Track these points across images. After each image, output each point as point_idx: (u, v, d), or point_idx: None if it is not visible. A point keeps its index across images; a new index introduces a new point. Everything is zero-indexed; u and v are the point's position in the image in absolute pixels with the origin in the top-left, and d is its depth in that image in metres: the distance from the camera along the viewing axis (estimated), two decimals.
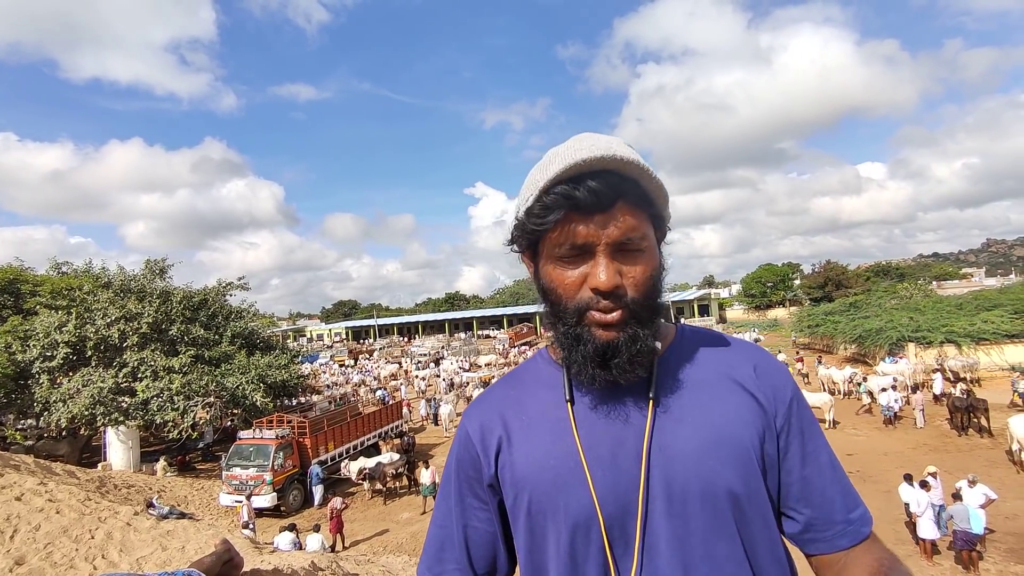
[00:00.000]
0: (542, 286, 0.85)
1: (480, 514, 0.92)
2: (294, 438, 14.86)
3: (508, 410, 0.92)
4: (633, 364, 0.80)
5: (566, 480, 0.82)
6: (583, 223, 0.77)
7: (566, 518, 0.81)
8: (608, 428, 0.83)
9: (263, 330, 22.86)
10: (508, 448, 0.89)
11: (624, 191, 0.78)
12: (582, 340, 0.80)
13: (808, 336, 36.02)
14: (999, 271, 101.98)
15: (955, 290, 45.23)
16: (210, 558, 1.16)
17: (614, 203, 0.77)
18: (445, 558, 0.93)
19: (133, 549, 6.16)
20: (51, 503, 6.86)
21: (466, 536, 0.92)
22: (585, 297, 0.79)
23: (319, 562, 6.09)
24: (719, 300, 66.88)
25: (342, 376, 36.74)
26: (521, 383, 0.96)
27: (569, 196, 0.77)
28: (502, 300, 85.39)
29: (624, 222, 0.78)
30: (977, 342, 22.04)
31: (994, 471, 11.44)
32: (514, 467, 0.87)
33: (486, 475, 0.90)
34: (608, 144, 0.78)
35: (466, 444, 0.94)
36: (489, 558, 0.93)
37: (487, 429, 0.92)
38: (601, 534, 0.79)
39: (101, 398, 15.44)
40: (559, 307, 0.82)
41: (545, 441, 0.86)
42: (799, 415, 0.86)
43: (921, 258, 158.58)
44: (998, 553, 8.32)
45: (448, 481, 0.96)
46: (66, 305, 16.93)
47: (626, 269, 0.79)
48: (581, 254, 0.79)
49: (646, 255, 0.81)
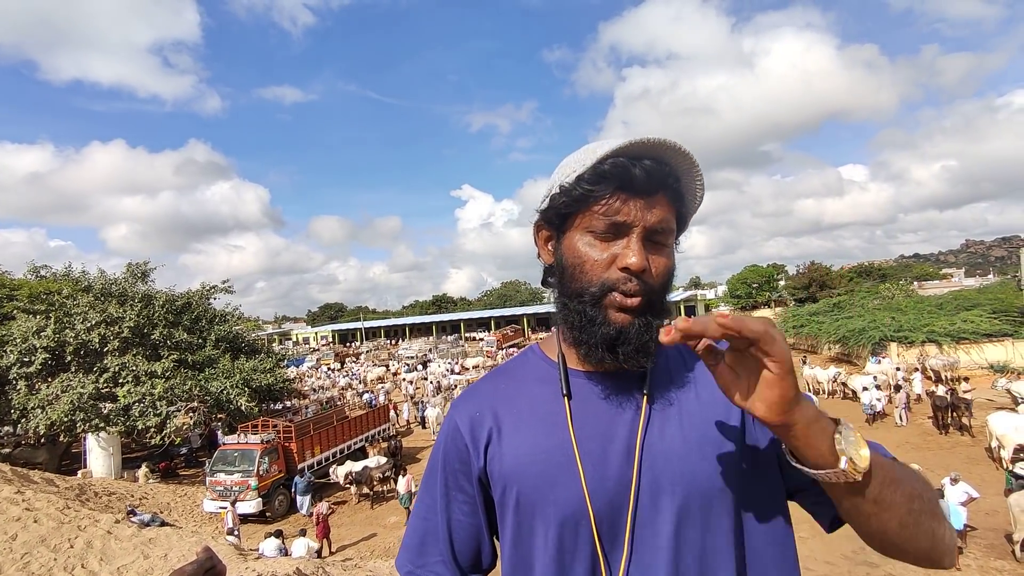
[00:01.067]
0: (564, 260, 0.85)
1: (465, 507, 0.92)
2: (280, 442, 14.70)
3: (499, 403, 0.91)
4: (639, 353, 0.80)
5: (556, 474, 0.81)
6: (627, 202, 0.79)
7: (555, 512, 0.81)
8: (600, 423, 0.84)
9: (248, 334, 22.58)
10: (498, 441, 0.88)
11: (668, 183, 0.81)
12: (596, 321, 0.81)
13: (793, 336, 36.46)
14: (978, 271, 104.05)
15: (935, 290, 45.98)
16: (191, 566, 1.14)
17: (658, 191, 0.80)
18: (428, 551, 0.92)
19: (114, 558, 6.05)
20: (28, 512, 6.72)
21: (451, 529, 0.91)
22: (613, 276, 0.80)
23: (304, 568, 6.03)
24: (705, 301, 67.43)
25: (328, 380, 36.44)
26: (513, 377, 0.96)
27: (625, 169, 0.78)
28: (489, 302, 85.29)
29: (662, 211, 0.81)
30: (957, 341, 22.45)
31: (975, 468, 11.64)
32: (503, 460, 0.86)
33: (475, 468, 0.89)
34: (674, 139, 0.79)
35: (454, 436, 0.92)
36: (473, 551, 0.92)
37: (477, 422, 0.91)
38: (591, 528, 0.79)
39: (81, 404, 15.15)
40: (581, 282, 0.82)
41: (537, 435, 0.85)
42: None
43: (902, 259, 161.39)
44: (979, 549, 8.46)
45: (433, 473, 0.95)
46: (45, 309, 16.60)
47: (652, 258, 0.81)
48: (616, 234, 0.81)
49: (668, 250, 0.84)
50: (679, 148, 0.78)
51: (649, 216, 0.79)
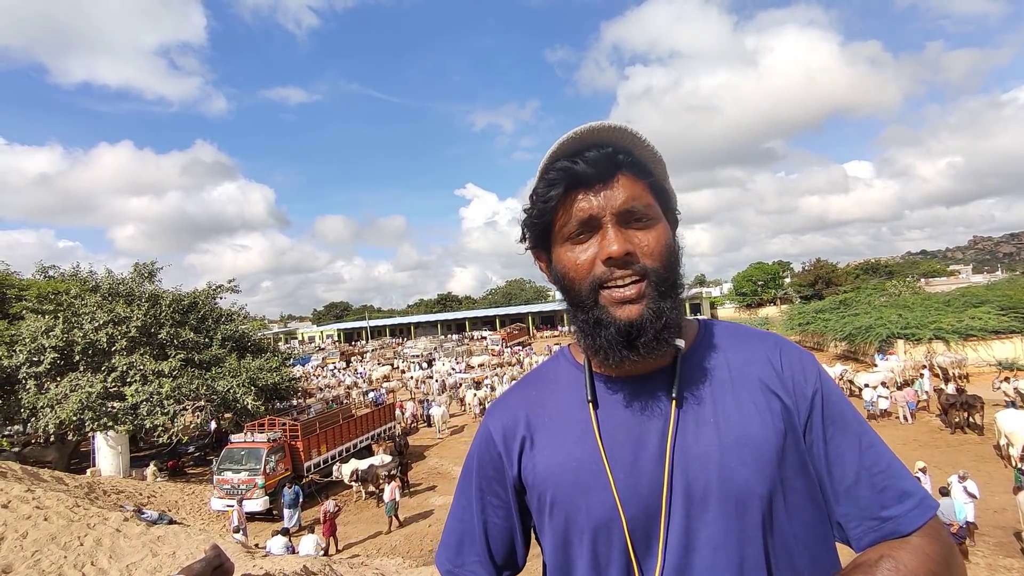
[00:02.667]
0: (557, 275, 0.85)
1: (500, 512, 0.93)
2: (286, 441, 14.78)
3: (530, 411, 0.92)
4: (660, 342, 0.78)
5: (587, 482, 0.81)
6: (586, 197, 0.79)
7: (588, 520, 0.80)
8: (630, 430, 0.82)
9: (254, 333, 22.69)
10: (531, 450, 0.89)
11: (621, 162, 0.79)
12: (602, 323, 0.79)
13: (799, 334, 36.29)
14: (985, 268, 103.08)
15: (943, 287, 45.70)
16: (200, 564, 1.15)
17: (614, 174, 0.79)
18: (465, 552, 0.94)
19: (123, 555, 6.10)
20: (39, 510, 6.78)
21: (487, 532, 0.93)
22: (599, 272, 0.79)
23: (311, 566, 6.07)
24: (710, 299, 67.25)
25: (334, 379, 36.57)
26: (542, 383, 0.96)
27: (568, 169, 0.78)
28: (494, 301, 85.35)
29: (626, 190, 0.79)
30: (965, 338, 22.30)
31: (983, 466, 11.58)
32: (536, 469, 0.87)
33: (509, 476, 0.91)
34: (602, 121, 0.79)
35: (488, 445, 0.94)
36: (507, 552, 0.94)
37: (509, 431, 0.92)
38: (624, 536, 0.78)
39: (89, 403, 15.27)
40: (575, 290, 0.82)
41: (567, 443, 0.85)
42: (823, 410, 0.82)
43: (909, 255, 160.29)
44: (987, 547, 8.41)
45: (468, 479, 0.96)
46: (53, 309, 16.72)
47: (638, 238, 0.79)
48: (590, 230, 0.80)
49: (656, 225, 0.81)
50: (612, 126, 0.78)
51: (614, 200, 0.78)
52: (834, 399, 0.84)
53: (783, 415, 0.81)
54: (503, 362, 35.52)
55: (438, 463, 17.22)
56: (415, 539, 11.38)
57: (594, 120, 0.79)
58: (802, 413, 0.82)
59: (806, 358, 0.87)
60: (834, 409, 0.83)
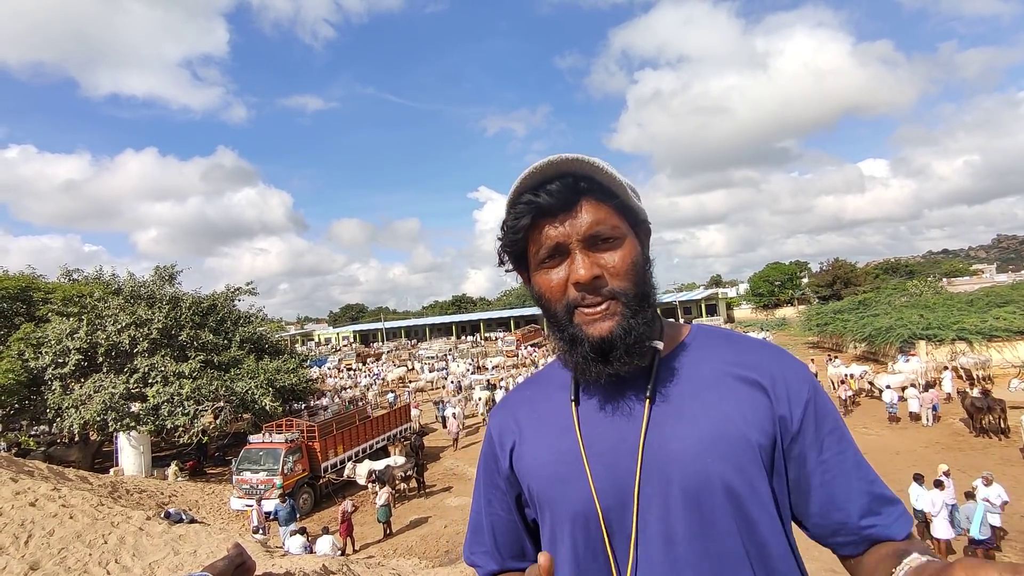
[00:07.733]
0: (535, 296, 0.91)
1: (503, 505, 1.00)
2: (303, 442, 14.93)
3: (522, 411, 1.00)
4: (631, 355, 0.83)
5: (566, 475, 0.87)
6: (553, 226, 0.84)
7: (567, 510, 0.86)
8: (610, 426, 0.87)
9: (271, 335, 22.96)
10: (520, 445, 0.96)
11: (583, 189, 0.83)
12: (577, 340, 0.85)
13: (817, 335, 35.74)
14: (1010, 267, 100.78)
15: (966, 287, 44.76)
16: (223, 562, 1.17)
17: (577, 201, 0.83)
18: (476, 542, 1.04)
19: (146, 553, 6.21)
20: (64, 508, 6.93)
21: (492, 525, 1.01)
22: (572, 296, 0.84)
23: (330, 565, 6.12)
24: (727, 299, 66.50)
25: (350, 380, 36.84)
26: (537, 385, 1.03)
27: (532, 202, 0.83)
28: (509, 302, 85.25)
29: (590, 215, 0.83)
30: (989, 339, 21.79)
31: (1009, 469, 11.30)
32: (523, 462, 0.94)
33: (503, 470, 0.98)
34: (560, 154, 0.82)
35: (489, 442, 1.03)
36: (514, 544, 1.01)
37: (504, 429, 1.00)
38: (600, 527, 0.83)
39: (112, 404, 15.58)
40: (552, 311, 0.88)
41: (550, 437, 0.92)
42: (817, 418, 0.85)
43: (930, 255, 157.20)
44: (1014, 553, 8.22)
45: (478, 474, 1.06)
46: (77, 312, 17.10)
47: (605, 260, 0.84)
48: (560, 255, 0.85)
49: (622, 245, 0.85)
50: (569, 158, 0.81)
51: (579, 226, 0.83)
52: (827, 409, 0.87)
53: (768, 416, 0.84)
54: (518, 363, 35.50)
55: (453, 464, 17.26)
56: (431, 540, 11.41)
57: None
58: (794, 420, 0.84)
59: (799, 367, 0.90)
60: (828, 420, 0.86)
